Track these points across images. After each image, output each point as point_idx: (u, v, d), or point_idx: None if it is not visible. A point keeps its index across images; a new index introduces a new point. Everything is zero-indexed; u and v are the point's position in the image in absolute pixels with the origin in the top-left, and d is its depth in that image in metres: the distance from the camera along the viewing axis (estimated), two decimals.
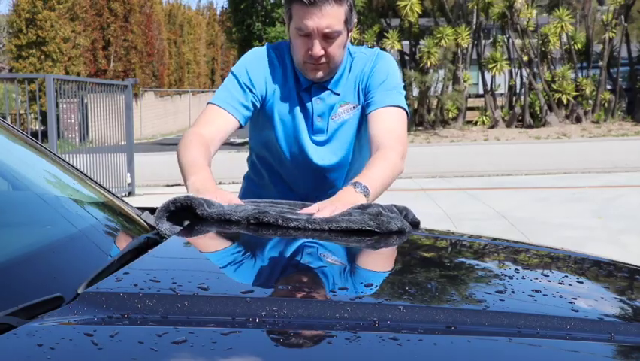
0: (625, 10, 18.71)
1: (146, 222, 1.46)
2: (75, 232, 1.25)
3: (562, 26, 18.42)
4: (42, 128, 13.73)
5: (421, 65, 18.47)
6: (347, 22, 1.78)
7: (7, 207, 1.32)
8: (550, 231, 6.10)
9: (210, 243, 1.40)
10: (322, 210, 1.42)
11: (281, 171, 2.01)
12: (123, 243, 1.26)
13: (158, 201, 1.51)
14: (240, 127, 1.86)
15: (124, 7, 24.94)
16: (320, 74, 1.82)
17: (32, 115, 15.82)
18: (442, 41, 17.96)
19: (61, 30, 21.84)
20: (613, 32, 18.82)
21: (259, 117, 1.94)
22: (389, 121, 1.79)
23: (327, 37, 1.75)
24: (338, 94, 1.88)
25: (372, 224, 1.35)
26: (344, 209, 1.41)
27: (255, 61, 1.90)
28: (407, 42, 19.94)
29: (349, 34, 1.83)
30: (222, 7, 48.63)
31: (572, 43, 19.29)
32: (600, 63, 19.24)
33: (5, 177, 1.39)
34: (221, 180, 10.34)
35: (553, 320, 0.91)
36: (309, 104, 1.88)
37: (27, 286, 0.96)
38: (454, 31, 18.10)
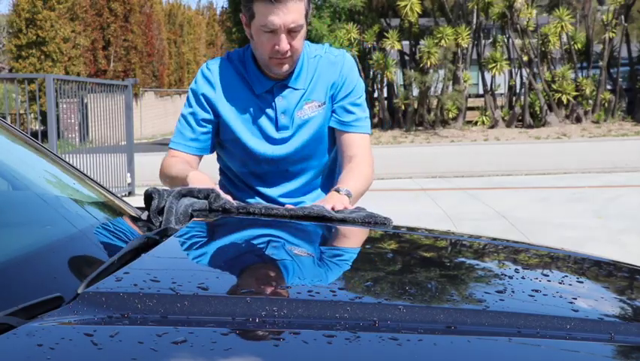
0: (625, 10, 18.71)
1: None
2: (75, 232, 1.25)
3: (562, 26, 18.41)
4: (42, 128, 13.73)
5: (421, 65, 18.47)
6: (307, 15, 1.86)
7: (7, 207, 1.32)
8: (550, 231, 6.10)
9: (210, 243, 1.40)
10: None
11: (251, 182, 2.04)
12: (123, 243, 1.26)
13: None
14: (201, 156, 2.02)
15: (124, 7, 24.91)
16: (286, 67, 1.88)
17: (32, 115, 15.82)
18: (442, 41, 17.96)
19: (61, 30, 21.83)
20: (613, 32, 18.82)
21: (221, 132, 1.99)
22: (362, 141, 2.02)
23: (292, 32, 1.82)
24: (299, 89, 1.95)
25: (353, 216, 1.55)
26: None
27: (203, 86, 1.96)
28: (407, 42, 19.94)
29: (307, 27, 1.91)
30: (222, 7, 48.63)
31: (572, 43, 19.29)
32: (600, 63, 19.24)
33: (5, 177, 1.39)
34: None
35: (553, 320, 0.91)
36: (272, 104, 1.94)
37: (27, 286, 0.96)
38: (454, 31, 18.10)
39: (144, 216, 1.53)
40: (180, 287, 0.95)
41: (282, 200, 2.00)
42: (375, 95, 20.52)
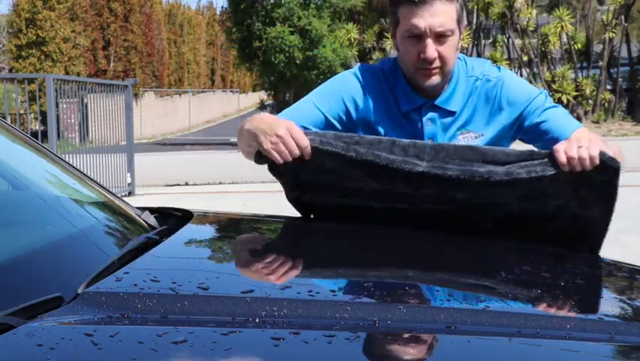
0: (625, 10, 18.70)
1: (146, 222, 1.46)
2: (75, 231, 1.25)
3: (562, 26, 18.41)
4: (42, 128, 13.72)
5: None
6: (459, 21, 1.65)
7: (8, 207, 1.32)
8: None
9: (210, 242, 1.40)
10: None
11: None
12: (123, 243, 1.26)
13: (158, 202, 1.51)
14: None
15: (124, 7, 24.93)
16: (435, 78, 1.64)
17: (32, 115, 15.82)
18: None
19: (61, 30, 21.84)
20: (613, 32, 18.82)
21: None
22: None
23: (440, 37, 1.60)
24: (451, 111, 1.70)
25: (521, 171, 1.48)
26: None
27: (351, 90, 1.71)
28: None
29: (460, 35, 1.68)
30: (222, 7, 48.63)
31: (572, 43, 19.29)
32: (600, 63, 19.23)
33: (5, 177, 1.39)
34: (220, 180, 10.33)
35: (553, 319, 0.91)
36: (418, 125, 1.70)
37: (27, 285, 0.96)
38: None
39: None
40: (180, 287, 0.95)
41: None
42: None
